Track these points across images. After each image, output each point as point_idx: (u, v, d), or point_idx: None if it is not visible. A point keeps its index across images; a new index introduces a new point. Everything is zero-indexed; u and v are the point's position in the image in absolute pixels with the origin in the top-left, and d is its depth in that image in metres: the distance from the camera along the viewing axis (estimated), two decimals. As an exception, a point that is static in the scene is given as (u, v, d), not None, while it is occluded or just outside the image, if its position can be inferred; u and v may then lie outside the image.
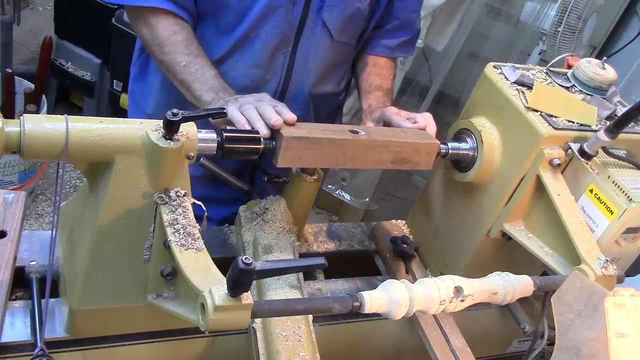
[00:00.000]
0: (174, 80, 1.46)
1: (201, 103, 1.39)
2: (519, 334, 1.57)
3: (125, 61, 1.98)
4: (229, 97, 1.35)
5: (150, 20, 1.45)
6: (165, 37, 1.44)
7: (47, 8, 4.30)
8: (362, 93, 1.66)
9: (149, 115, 1.70)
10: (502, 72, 1.37)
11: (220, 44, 1.54)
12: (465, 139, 1.39)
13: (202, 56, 1.44)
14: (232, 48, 1.54)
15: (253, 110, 1.23)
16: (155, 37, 1.45)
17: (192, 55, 1.42)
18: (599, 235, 1.24)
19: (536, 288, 1.09)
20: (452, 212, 1.48)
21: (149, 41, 1.47)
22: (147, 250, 1.08)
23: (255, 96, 1.32)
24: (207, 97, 1.38)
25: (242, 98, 1.32)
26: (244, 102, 1.28)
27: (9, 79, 2.87)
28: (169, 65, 1.44)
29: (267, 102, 1.27)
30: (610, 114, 1.35)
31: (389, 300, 0.97)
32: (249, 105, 1.25)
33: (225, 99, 1.34)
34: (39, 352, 1.03)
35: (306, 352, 1.15)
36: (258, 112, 1.23)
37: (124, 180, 1.02)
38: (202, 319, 0.87)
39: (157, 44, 1.45)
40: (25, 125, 0.94)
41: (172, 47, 1.43)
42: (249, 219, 1.40)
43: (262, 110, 1.22)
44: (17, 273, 1.18)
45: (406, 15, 1.70)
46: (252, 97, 1.32)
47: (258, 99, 1.29)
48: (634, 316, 1.04)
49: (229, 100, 1.33)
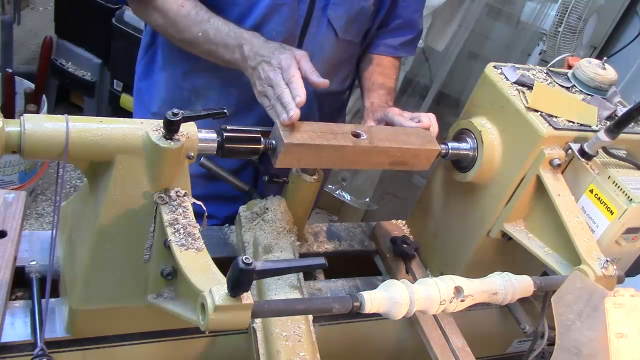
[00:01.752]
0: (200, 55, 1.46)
1: (235, 66, 1.39)
2: (519, 334, 1.57)
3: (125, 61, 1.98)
4: (259, 58, 1.33)
5: (156, 3, 1.43)
6: (175, 13, 1.42)
7: (48, 8, 4.30)
8: (364, 91, 1.65)
9: (154, 114, 1.70)
10: (503, 72, 1.37)
11: None
12: (466, 139, 1.39)
13: (214, 17, 1.42)
14: None
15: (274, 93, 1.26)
16: (166, 17, 1.43)
17: (205, 21, 1.41)
18: (599, 236, 1.24)
19: (536, 288, 1.09)
20: (453, 212, 1.48)
21: (163, 25, 1.46)
22: (147, 250, 1.08)
23: (286, 59, 1.29)
24: (236, 56, 1.38)
25: (275, 58, 1.30)
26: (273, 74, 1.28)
27: (9, 78, 2.87)
28: (190, 41, 1.44)
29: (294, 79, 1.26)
30: (611, 114, 1.35)
31: (389, 300, 0.97)
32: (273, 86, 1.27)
33: (258, 52, 1.34)
34: (39, 352, 1.03)
35: (306, 352, 1.15)
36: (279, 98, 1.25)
37: (124, 180, 1.02)
38: (202, 319, 0.87)
39: (171, 23, 1.44)
40: (26, 125, 0.94)
41: (184, 20, 1.42)
42: (249, 218, 1.40)
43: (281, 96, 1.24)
44: (17, 273, 1.18)
45: (409, 15, 1.70)
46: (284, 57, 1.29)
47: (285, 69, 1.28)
48: (634, 316, 1.04)
49: (262, 61, 1.32)
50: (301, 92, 1.23)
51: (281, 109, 1.23)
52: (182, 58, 1.60)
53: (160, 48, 1.66)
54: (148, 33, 1.69)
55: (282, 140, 1.17)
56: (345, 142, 1.23)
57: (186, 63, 1.60)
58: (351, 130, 1.26)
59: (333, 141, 1.22)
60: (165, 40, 1.63)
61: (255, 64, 1.33)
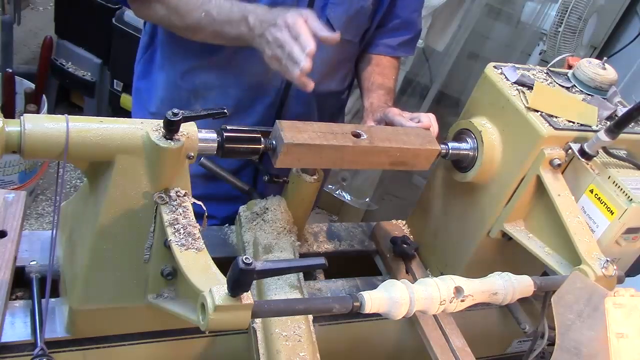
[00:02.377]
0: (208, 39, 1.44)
1: (245, 40, 1.37)
2: (519, 334, 1.57)
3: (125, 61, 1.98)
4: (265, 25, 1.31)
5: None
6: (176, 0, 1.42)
7: (48, 8, 4.30)
8: (364, 92, 1.65)
9: (152, 113, 1.69)
10: (503, 72, 1.37)
11: None
12: (466, 139, 1.39)
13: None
14: None
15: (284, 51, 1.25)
16: (169, 5, 1.42)
17: (206, 2, 1.39)
18: (599, 236, 1.24)
19: (536, 288, 1.09)
20: (453, 212, 1.48)
21: (166, 15, 1.45)
22: (147, 250, 1.08)
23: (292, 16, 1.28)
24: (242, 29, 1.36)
25: (280, 18, 1.29)
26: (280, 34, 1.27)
27: (9, 78, 2.87)
28: (194, 26, 1.42)
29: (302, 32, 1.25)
30: (611, 114, 1.35)
31: (389, 300, 0.97)
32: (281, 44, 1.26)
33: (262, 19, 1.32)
34: (39, 352, 1.03)
35: (306, 352, 1.15)
36: None
37: (124, 180, 1.02)
38: (202, 319, 0.87)
39: (173, 11, 1.43)
40: (26, 125, 0.94)
41: (185, 5, 1.41)
42: (249, 218, 1.40)
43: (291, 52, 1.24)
44: (18, 273, 1.18)
45: (407, 15, 1.70)
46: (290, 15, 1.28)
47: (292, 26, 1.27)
48: (634, 316, 1.04)
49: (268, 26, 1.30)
50: (310, 43, 1.23)
51: (292, 64, 1.23)
52: (181, 58, 1.60)
53: (159, 48, 1.66)
54: (147, 33, 1.69)
55: (282, 140, 1.17)
56: (345, 142, 1.23)
57: (185, 63, 1.60)
58: (351, 131, 1.26)
59: (333, 141, 1.22)
60: (164, 40, 1.63)
61: (262, 30, 1.32)
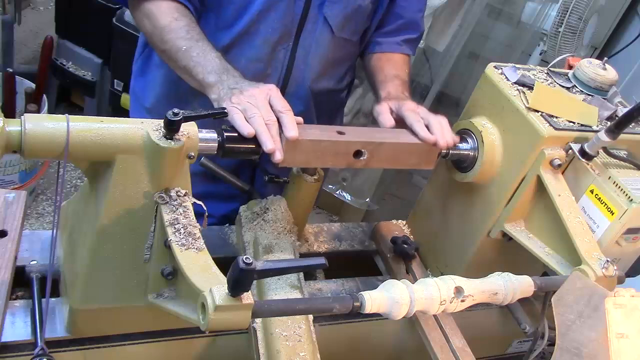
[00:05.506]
0: (176, 69, 1.40)
1: (204, 87, 1.32)
2: (519, 334, 1.57)
3: (126, 61, 1.98)
4: (234, 85, 1.27)
5: (151, 9, 1.41)
6: (166, 24, 1.39)
7: (48, 8, 4.30)
8: (378, 85, 1.60)
9: (147, 109, 1.69)
10: (503, 72, 1.37)
11: (221, 38, 1.53)
12: (466, 139, 1.39)
13: (204, 40, 1.38)
14: (233, 42, 1.53)
15: (259, 120, 1.18)
16: (156, 26, 1.40)
17: (194, 40, 1.36)
18: (600, 236, 1.24)
19: (536, 288, 1.09)
20: (453, 212, 1.48)
21: (151, 32, 1.43)
22: (147, 250, 1.08)
23: (262, 90, 1.24)
24: (210, 79, 1.30)
25: (247, 91, 1.24)
26: (249, 104, 1.21)
27: (9, 78, 2.87)
28: (170, 52, 1.38)
29: (275, 106, 1.21)
30: (611, 115, 1.35)
31: (389, 300, 0.97)
32: (255, 113, 1.19)
33: (231, 86, 1.27)
34: (40, 352, 1.03)
35: (306, 352, 1.15)
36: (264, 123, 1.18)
37: (124, 180, 1.02)
38: (203, 319, 0.87)
39: (158, 33, 1.40)
40: (26, 125, 0.94)
41: (172, 33, 1.38)
42: (249, 218, 1.40)
43: (270, 125, 1.18)
44: (18, 272, 1.18)
45: (411, 15, 1.70)
46: (258, 90, 1.24)
47: (264, 96, 1.22)
48: (634, 317, 1.04)
49: (233, 89, 1.26)
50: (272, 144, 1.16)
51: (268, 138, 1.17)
52: None
53: None
54: None
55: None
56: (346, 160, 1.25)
57: None
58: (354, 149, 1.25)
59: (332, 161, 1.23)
60: None
61: (236, 90, 1.26)
